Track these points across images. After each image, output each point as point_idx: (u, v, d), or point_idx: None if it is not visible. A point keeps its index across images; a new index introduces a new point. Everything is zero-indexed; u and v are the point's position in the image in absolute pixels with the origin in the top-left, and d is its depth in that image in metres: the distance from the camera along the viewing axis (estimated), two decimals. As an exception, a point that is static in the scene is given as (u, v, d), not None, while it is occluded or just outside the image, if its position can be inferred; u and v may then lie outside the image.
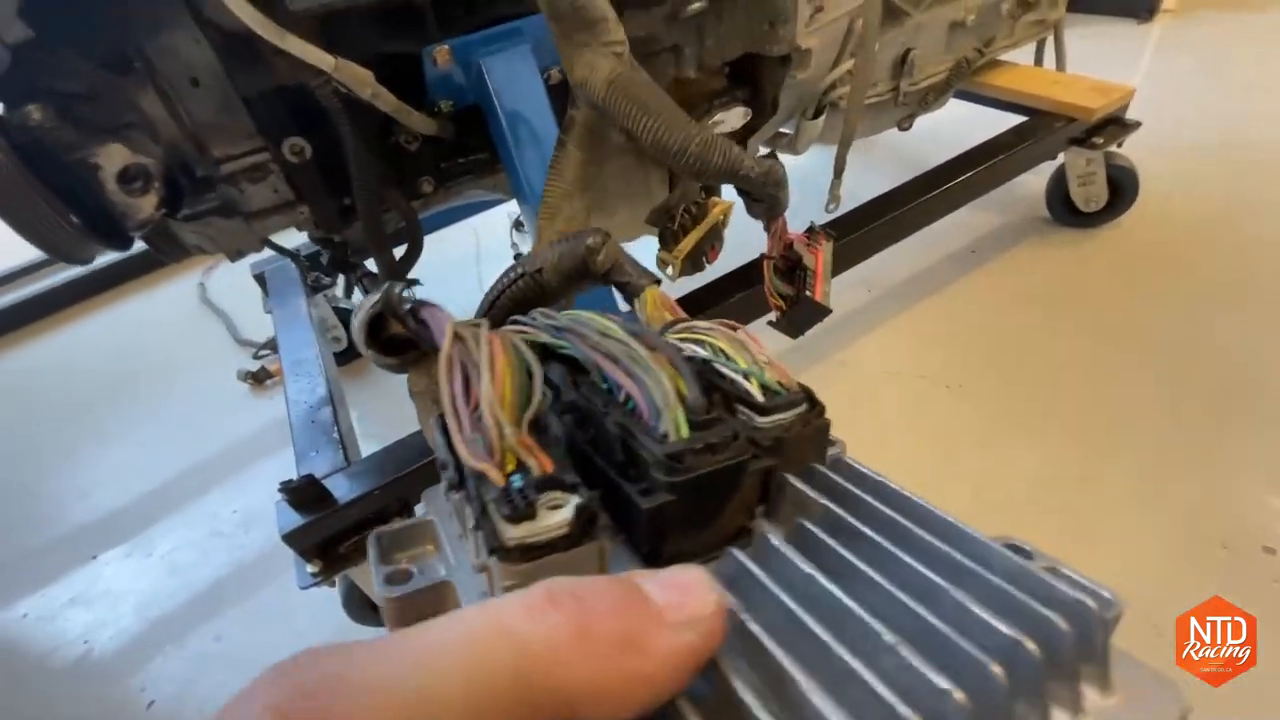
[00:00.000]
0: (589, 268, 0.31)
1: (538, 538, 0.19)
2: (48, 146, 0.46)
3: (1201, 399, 0.98)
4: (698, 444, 0.20)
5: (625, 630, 0.15)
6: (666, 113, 0.47)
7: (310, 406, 0.88)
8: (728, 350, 0.24)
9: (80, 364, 1.52)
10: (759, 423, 0.22)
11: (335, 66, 0.52)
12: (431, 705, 0.13)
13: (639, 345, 0.23)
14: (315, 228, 0.73)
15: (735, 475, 0.21)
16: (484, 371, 0.22)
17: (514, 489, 0.20)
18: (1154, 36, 2.00)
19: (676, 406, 0.21)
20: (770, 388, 0.23)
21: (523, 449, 0.21)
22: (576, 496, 0.20)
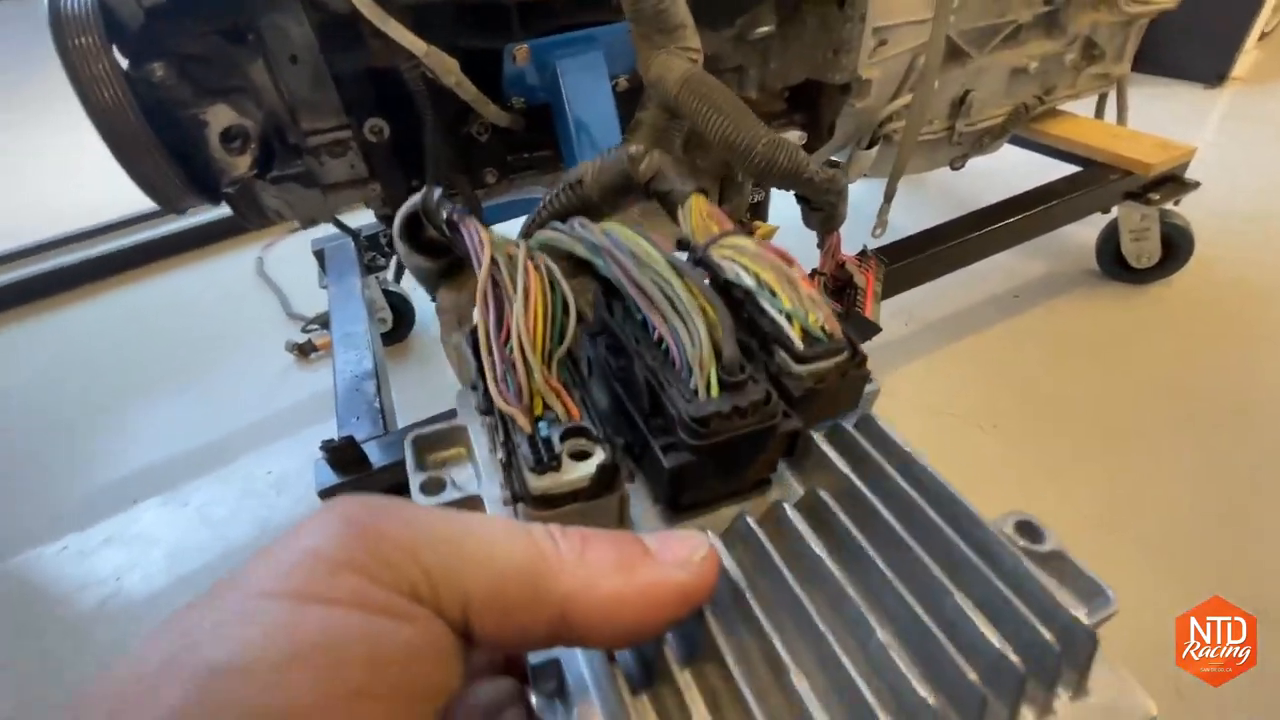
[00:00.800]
0: (631, 178, 0.29)
1: (561, 489, 0.20)
2: (165, 102, 0.51)
3: (1240, 464, 0.96)
4: (726, 407, 0.20)
5: (615, 557, 0.18)
6: (736, 112, 0.49)
7: (356, 377, 0.92)
8: (774, 285, 0.23)
9: (143, 322, 1.60)
10: (794, 369, 0.22)
11: (426, 53, 0.56)
12: (460, 554, 0.17)
13: (680, 285, 0.22)
14: (383, 205, 0.77)
15: (762, 438, 0.21)
16: (517, 306, 0.21)
17: (540, 437, 0.20)
18: (1222, 102, 1.98)
19: (710, 363, 0.20)
20: (812, 333, 0.22)
21: (551, 393, 0.21)
22: (600, 448, 0.20)
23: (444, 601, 0.16)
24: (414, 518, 0.17)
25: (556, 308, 0.22)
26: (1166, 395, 1.09)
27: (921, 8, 0.90)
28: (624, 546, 0.18)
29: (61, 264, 1.72)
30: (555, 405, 0.21)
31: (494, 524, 0.18)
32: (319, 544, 0.16)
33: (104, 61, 0.48)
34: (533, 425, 0.20)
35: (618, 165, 0.29)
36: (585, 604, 0.17)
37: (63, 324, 1.62)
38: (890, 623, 0.18)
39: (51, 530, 1.09)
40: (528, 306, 0.21)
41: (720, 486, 0.22)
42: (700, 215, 0.27)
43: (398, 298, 1.35)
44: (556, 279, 0.23)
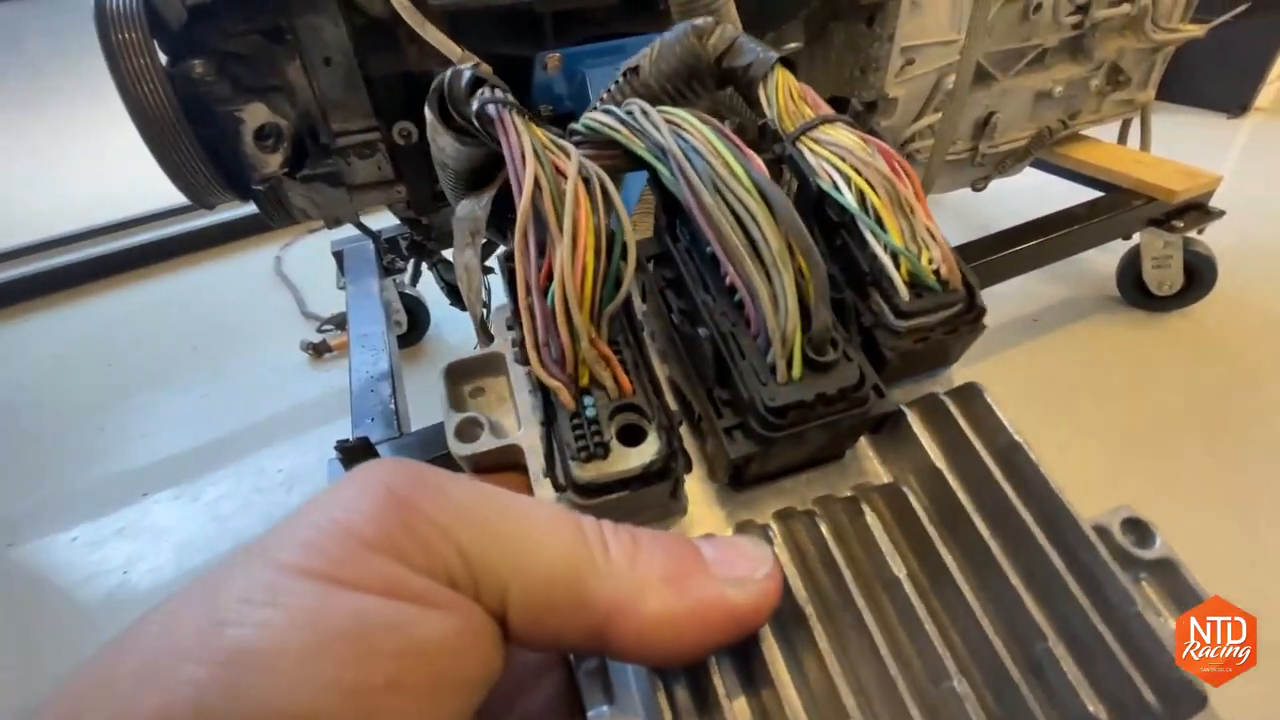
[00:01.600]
0: (698, 57, 0.22)
1: (608, 478, 0.17)
2: (202, 98, 0.52)
3: (1260, 499, 0.94)
4: (810, 395, 0.17)
5: (667, 567, 0.16)
6: None
7: (371, 377, 0.92)
8: (881, 209, 0.18)
9: (160, 317, 1.62)
10: (893, 324, 0.18)
11: (461, 58, 0.57)
12: (502, 542, 0.15)
13: (767, 222, 0.17)
14: (407, 207, 0.77)
15: (845, 424, 0.18)
16: (564, 251, 0.17)
17: (586, 417, 0.17)
18: (1245, 132, 1.97)
19: (795, 336, 0.17)
20: (922, 279, 0.18)
21: (599, 363, 0.17)
22: (655, 433, 0.17)
23: (482, 591, 0.15)
24: (457, 495, 0.15)
25: (614, 252, 0.17)
26: (1186, 421, 1.07)
27: (949, 28, 0.91)
28: (679, 556, 0.16)
29: (83, 257, 1.74)
30: (604, 377, 0.17)
31: (542, 512, 0.16)
32: (353, 518, 0.15)
33: (146, 57, 0.48)
34: (577, 401, 0.17)
35: (682, 43, 0.23)
36: (630, 619, 0.15)
37: (82, 316, 1.64)
38: (969, 663, 0.16)
39: (63, 520, 1.09)
40: (576, 252, 0.17)
41: (789, 460, 0.19)
42: (788, 94, 0.21)
43: (413, 300, 1.35)
44: (615, 206, 0.18)
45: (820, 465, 0.20)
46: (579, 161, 0.18)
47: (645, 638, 0.15)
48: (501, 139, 0.18)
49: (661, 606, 0.16)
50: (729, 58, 0.23)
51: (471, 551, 0.15)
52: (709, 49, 0.22)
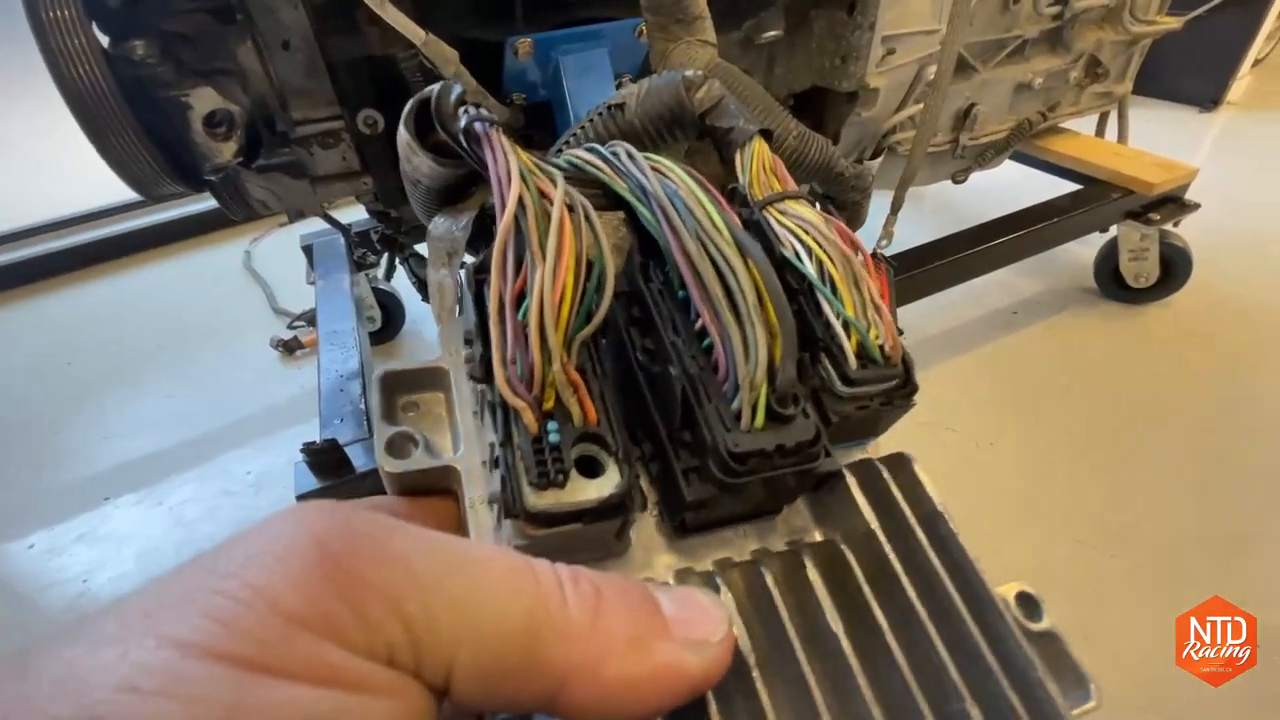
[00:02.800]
0: (684, 108, 0.24)
1: (563, 509, 0.16)
2: (146, 81, 0.48)
3: (1236, 485, 0.95)
4: (771, 444, 0.17)
5: (633, 630, 0.15)
6: (764, 103, 0.47)
7: (341, 376, 0.89)
8: (838, 280, 0.20)
9: (123, 313, 1.56)
10: (839, 390, 0.19)
11: (425, 42, 0.54)
12: (453, 606, 0.13)
13: (744, 275, 0.18)
14: (375, 199, 0.74)
15: (796, 479, 0.19)
16: (545, 273, 0.17)
17: (548, 443, 0.17)
18: (1217, 126, 2.00)
19: (762, 386, 0.17)
20: (869, 351, 0.19)
21: (567, 388, 0.17)
22: (615, 467, 0.17)
23: (425, 664, 0.13)
24: (402, 551, 0.14)
25: (592, 279, 0.17)
26: (1162, 413, 1.08)
27: (931, 18, 0.89)
28: (642, 613, 0.15)
29: (41, 252, 1.67)
30: (571, 403, 0.17)
31: (497, 564, 0.14)
32: (276, 586, 0.12)
33: (80, 36, 0.45)
34: (540, 425, 0.17)
35: (670, 91, 0.24)
36: (588, 684, 0.14)
37: (40, 314, 1.58)
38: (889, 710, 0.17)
39: (19, 526, 1.05)
40: (558, 272, 0.17)
41: (733, 510, 0.20)
42: (761, 164, 0.23)
43: (388, 296, 1.32)
44: (598, 237, 0.18)
45: (757, 519, 0.20)
46: (564, 187, 0.18)
47: (603, 703, 0.14)
48: (488, 157, 0.18)
49: (621, 672, 0.14)
50: (713, 116, 0.24)
51: (417, 619, 0.13)
52: (696, 102, 0.24)
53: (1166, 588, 0.83)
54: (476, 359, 0.19)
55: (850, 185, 0.57)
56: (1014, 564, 0.88)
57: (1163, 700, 0.68)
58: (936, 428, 1.07)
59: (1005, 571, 0.79)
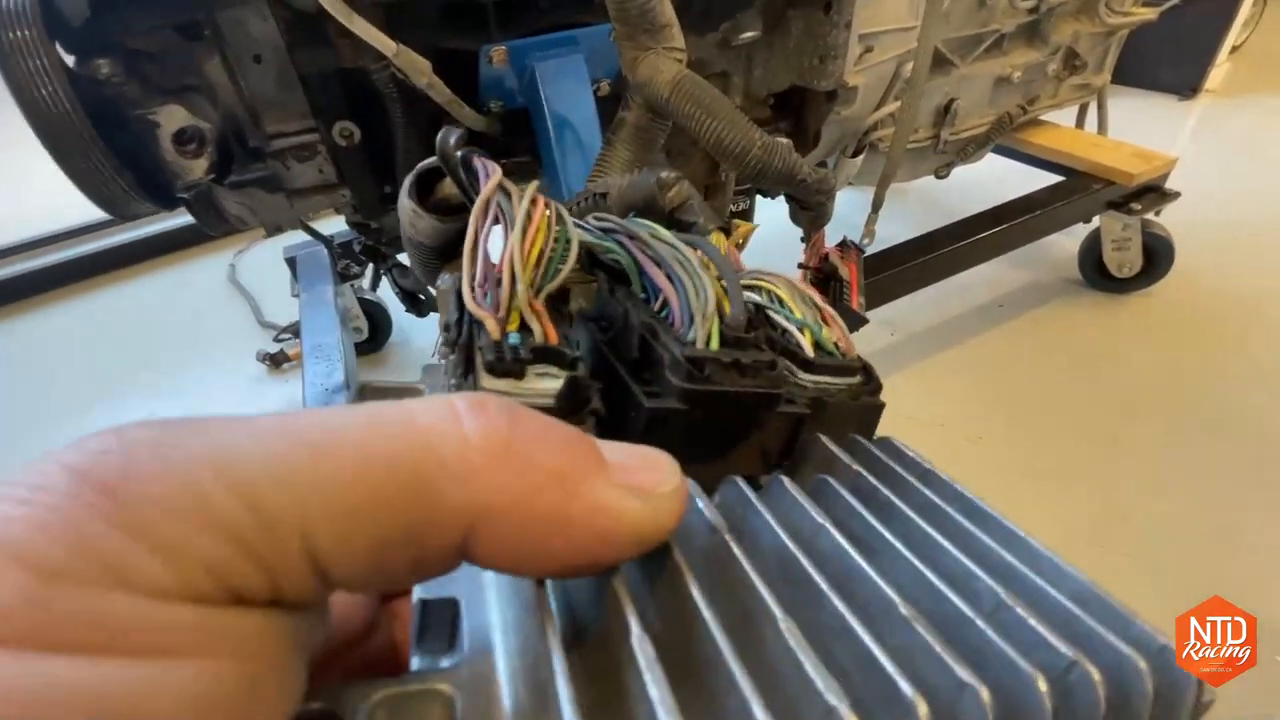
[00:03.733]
0: (656, 202, 0.29)
1: (521, 395, 0.17)
2: (111, 100, 0.48)
3: (1226, 473, 0.96)
4: (726, 357, 0.18)
5: (558, 465, 0.12)
6: (729, 115, 0.47)
7: (327, 390, 0.88)
8: (786, 299, 0.22)
9: (109, 330, 1.54)
10: (801, 378, 0.20)
11: (396, 53, 0.53)
12: (282, 483, 0.10)
13: (690, 251, 0.21)
14: (354, 212, 0.74)
15: (758, 407, 0.18)
16: (517, 222, 0.19)
17: (507, 344, 0.18)
18: (1196, 114, 2.01)
19: (713, 316, 0.19)
20: (824, 347, 0.21)
21: (530, 312, 0.18)
22: (569, 374, 0.18)
23: (278, 570, 0.10)
24: (211, 440, 0.10)
25: (559, 242, 0.20)
26: (1150, 402, 1.09)
27: (908, 14, 0.90)
28: (573, 452, 0.12)
29: (22, 270, 1.65)
30: (534, 324, 0.18)
31: (350, 413, 0.11)
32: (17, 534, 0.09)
33: (42, 57, 0.44)
34: (501, 332, 0.18)
35: (645, 188, 0.29)
36: (502, 526, 0.11)
37: (25, 331, 1.56)
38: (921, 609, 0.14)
39: None
40: (527, 229, 0.19)
41: (703, 463, 0.19)
42: None
43: (374, 306, 1.31)
44: (563, 217, 0.20)
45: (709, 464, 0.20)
46: (535, 187, 0.21)
47: (525, 546, 0.12)
48: (479, 169, 0.22)
49: (545, 508, 0.12)
50: (681, 212, 0.29)
51: (237, 514, 0.10)
52: (667, 200, 0.29)
53: (1161, 584, 0.84)
54: (453, 327, 0.19)
55: (814, 189, 0.58)
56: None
57: None
58: (923, 423, 1.08)
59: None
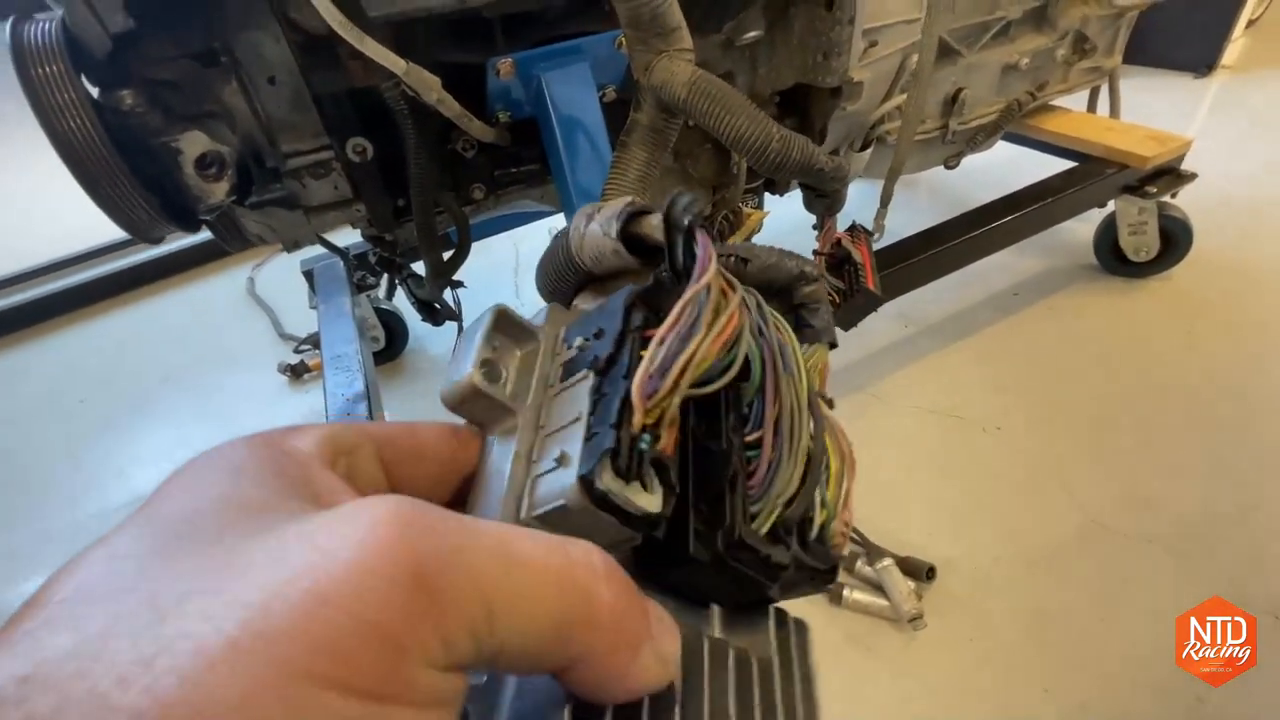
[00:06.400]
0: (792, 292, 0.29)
1: (618, 500, 0.19)
2: (135, 129, 0.49)
3: (1249, 456, 0.94)
4: (764, 551, 0.20)
5: (635, 635, 0.16)
6: (747, 111, 0.49)
7: (347, 400, 0.90)
8: (833, 475, 0.23)
9: (132, 348, 1.58)
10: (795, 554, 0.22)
11: (406, 71, 0.55)
12: (507, 610, 0.14)
13: (805, 425, 0.22)
14: (369, 225, 0.75)
15: (752, 588, 0.22)
16: (714, 331, 0.21)
17: (639, 447, 0.19)
18: (1212, 91, 1.97)
19: (778, 508, 0.21)
20: (826, 538, 0.23)
21: (669, 422, 0.20)
22: (660, 497, 0.20)
23: (479, 662, 0.14)
24: (478, 565, 0.14)
25: (728, 356, 0.21)
26: (1171, 386, 1.07)
27: (911, 7, 0.89)
28: (641, 616, 0.17)
29: (48, 291, 1.70)
30: (664, 434, 0.20)
31: (546, 558, 0.15)
32: (378, 615, 0.12)
33: (69, 90, 0.46)
34: (641, 429, 0.20)
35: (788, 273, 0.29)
36: (593, 669, 0.16)
37: (52, 352, 1.60)
38: None
39: (41, 568, 1.07)
40: (718, 335, 0.21)
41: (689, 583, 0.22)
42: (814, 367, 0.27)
43: (390, 315, 1.33)
44: (743, 331, 0.22)
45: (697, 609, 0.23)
46: (743, 290, 0.23)
47: (594, 684, 0.16)
48: (699, 244, 0.23)
49: (616, 664, 0.16)
50: (808, 312, 0.29)
51: (481, 627, 0.14)
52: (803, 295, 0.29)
53: (1188, 570, 0.83)
54: (605, 354, 0.22)
55: (830, 177, 0.59)
56: (1025, 550, 0.87)
57: (1163, 700, 0.68)
58: (942, 415, 1.07)
59: (1018, 556, 0.79)
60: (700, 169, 0.96)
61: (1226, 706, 0.64)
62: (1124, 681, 0.71)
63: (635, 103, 0.56)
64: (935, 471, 0.99)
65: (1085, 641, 0.76)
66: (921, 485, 0.97)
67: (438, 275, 0.78)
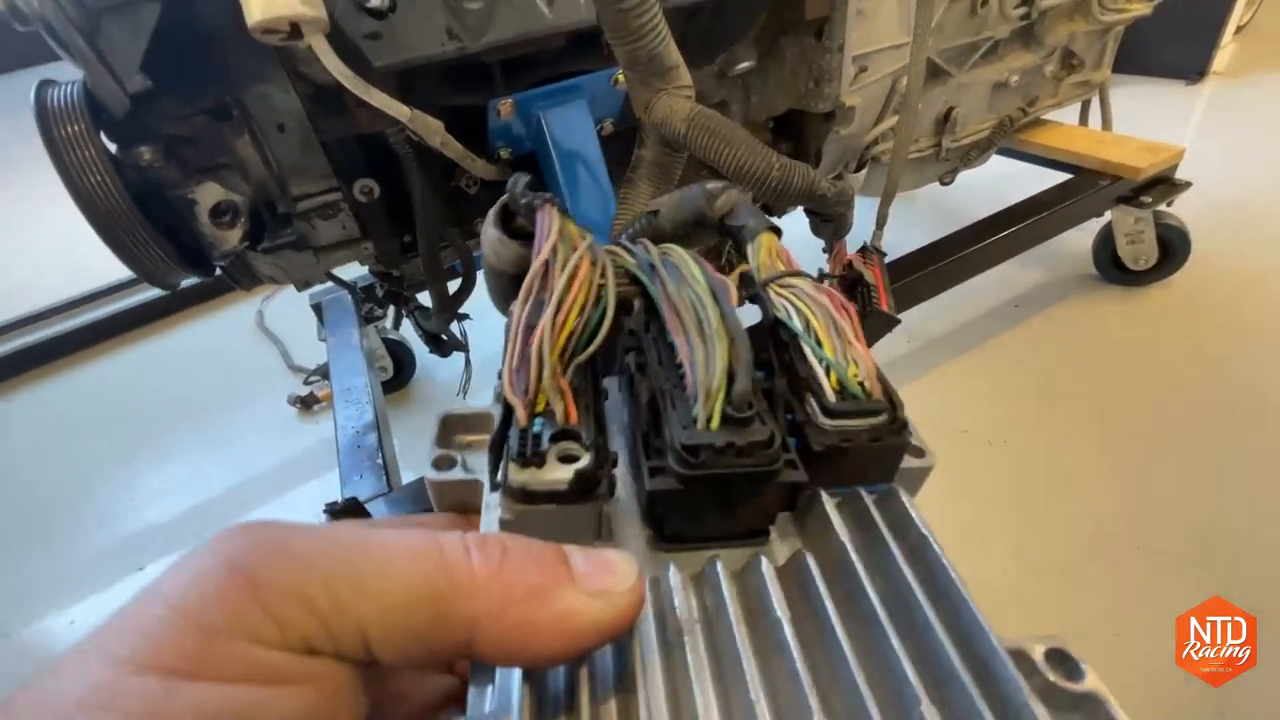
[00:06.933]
0: (705, 214, 0.29)
1: (537, 486, 0.19)
2: (153, 183, 0.51)
3: (1256, 463, 0.94)
4: (722, 441, 0.19)
5: (535, 582, 0.17)
6: (745, 143, 0.50)
7: (357, 432, 0.92)
8: (820, 331, 0.22)
9: (144, 383, 1.61)
10: (820, 422, 0.21)
11: (411, 118, 0.57)
12: (353, 582, 0.16)
13: (713, 310, 0.21)
14: (377, 262, 0.77)
15: (754, 482, 0.20)
16: (552, 302, 0.21)
17: (532, 432, 0.20)
18: (1204, 98, 1.99)
19: (718, 394, 0.20)
20: (848, 387, 0.21)
21: (555, 394, 0.20)
22: (587, 455, 0.20)
23: (341, 641, 0.15)
24: (302, 549, 0.16)
25: (595, 311, 0.22)
26: (1178, 393, 1.07)
27: (899, 32, 0.91)
28: (546, 565, 0.17)
29: (61, 330, 1.72)
30: (556, 405, 0.20)
31: (399, 542, 0.17)
32: (192, 602, 0.14)
33: (91, 148, 0.48)
34: (529, 419, 0.20)
35: (693, 200, 0.30)
36: (493, 630, 0.16)
37: (65, 390, 1.63)
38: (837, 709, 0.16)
39: (59, 602, 1.08)
40: (564, 302, 0.21)
41: (710, 525, 0.21)
42: (768, 252, 0.27)
43: (398, 345, 1.35)
44: (606, 281, 0.22)
45: (746, 542, 0.22)
46: (589, 242, 0.23)
47: (509, 645, 0.17)
48: (540, 219, 0.23)
49: (523, 616, 0.16)
50: (730, 218, 0.29)
51: (321, 603, 0.15)
52: (715, 209, 0.29)
53: (1206, 581, 0.82)
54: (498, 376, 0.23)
55: (834, 202, 0.60)
56: (1035, 563, 0.87)
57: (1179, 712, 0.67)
58: (946, 431, 1.08)
59: (1028, 569, 0.79)
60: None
61: None
62: (1141, 694, 0.71)
63: (639, 139, 0.58)
64: (943, 486, 0.99)
65: (1100, 656, 0.76)
66: (930, 500, 0.96)
67: (444, 309, 0.79)
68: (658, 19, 0.49)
